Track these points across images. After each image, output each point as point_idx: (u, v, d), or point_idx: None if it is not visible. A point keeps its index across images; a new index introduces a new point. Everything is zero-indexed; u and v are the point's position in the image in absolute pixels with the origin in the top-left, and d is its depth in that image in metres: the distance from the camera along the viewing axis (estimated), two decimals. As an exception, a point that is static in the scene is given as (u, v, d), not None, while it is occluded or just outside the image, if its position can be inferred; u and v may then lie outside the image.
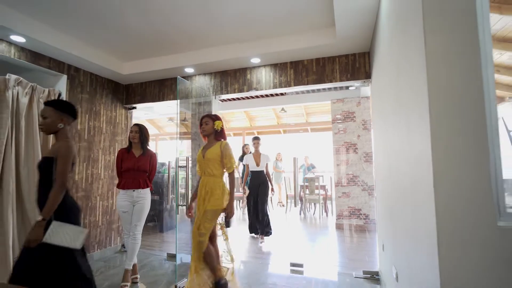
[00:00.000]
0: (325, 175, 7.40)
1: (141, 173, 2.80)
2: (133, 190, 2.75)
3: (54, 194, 1.63)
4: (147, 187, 2.85)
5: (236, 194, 7.07)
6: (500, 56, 4.72)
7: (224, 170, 2.45)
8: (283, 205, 7.85)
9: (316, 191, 6.33)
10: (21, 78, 2.79)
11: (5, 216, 2.60)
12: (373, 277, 2.88)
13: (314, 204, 6.76)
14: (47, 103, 1.83)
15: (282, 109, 7.40)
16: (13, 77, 2.72)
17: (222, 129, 2.53)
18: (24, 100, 2.81)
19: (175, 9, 2.52)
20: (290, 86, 3.27)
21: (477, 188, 0.96)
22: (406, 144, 1.44)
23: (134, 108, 4.16)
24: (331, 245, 4.16)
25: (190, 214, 2.57)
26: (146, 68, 3.60)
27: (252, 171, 4.32)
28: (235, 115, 9.13)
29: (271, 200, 7.69)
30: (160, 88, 3.90)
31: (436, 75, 1.04)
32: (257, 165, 4.25)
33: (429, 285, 1.08)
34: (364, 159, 5.16)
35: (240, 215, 6.70)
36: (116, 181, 3.87)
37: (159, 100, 3.90)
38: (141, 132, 2.84)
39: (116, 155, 3.15)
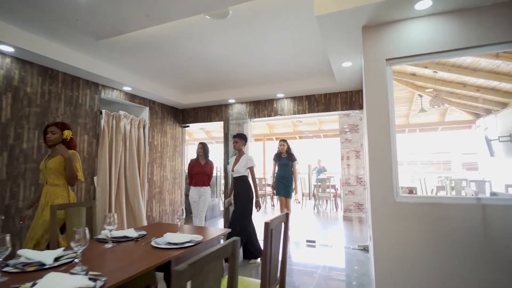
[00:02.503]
0: (336, 176, 8.58)
1: (205, 175, 4.17)
2: (201, 187, 4.13)
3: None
4: (208, 185, 4.22)
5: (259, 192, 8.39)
6: (477, 80, 5.89)
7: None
8: (299, 202, 9.11)
9: (328, 190, 7.56)
10: (126, 113, 4.24)
11: (120, 204, 4.03)
12: (365, 248, 4.11)
13: (326, 200, 7.98)
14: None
15: (298, 120, 8.67)
16: (122, 112, 4.16)
17: (72, 139, 2.46)
18: (128, 127, 4.25)
19: (224, 62, 3.79)
20: (305, 113, 4.55)
21: (386, 182, 2.22)
22: (365, 156, 2.70)
23: (188, 126, 5.56)
24: (338, 231, 5.40)
25: (22, 222, 2.44)
26: (200, 99, 4.99)
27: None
28: (257, 123, 10.47)
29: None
30: (208, 112, 5.29)
31: (371, 135, 2.31)
32: (232, 169, 3.65)
33: (370, 226, 2.35)
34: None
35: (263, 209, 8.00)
36: (178, 181, 5.28)
37: (207, 121, 5.29)
38: (204, 148, 4.22)
39: (188, 163, 4.47)
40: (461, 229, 2.01)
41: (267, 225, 1.41)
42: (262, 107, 4.88)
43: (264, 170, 10.50)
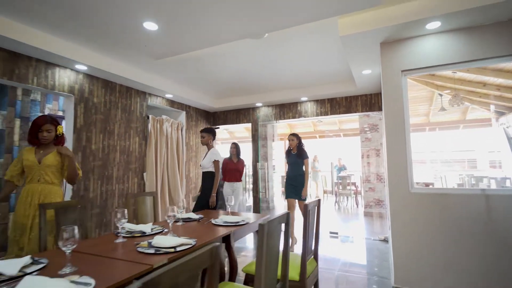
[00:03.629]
0: (356, 174, 8.85)
1: (237, 172, 4.65)
2: (234, 182, 4.62)
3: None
4: (240, 180, 4.71)
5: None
6: (497, 79, 6.07)
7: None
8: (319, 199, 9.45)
9: (348, 187, 7.87)
10: (168, 117, 4.80)
11: (164, 197, 4.61)
12: (385, 239, 4.44)
13: (347, 197, 8.29)
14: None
15: (319, 120, 9.00)
16: (164, 117, 4.73)
17: (63, 134, 2.35)
18: (169, 130, 4.82)
19: (254, 71, 4.26)
20: (327, 115, 4.94)
21: (403, 176, 2.59)
22: (384, 154, 3.07)
23: (218, 128, 6.09)
24: (359, 224, 5.73)
25: None
26: (230, 103, 5.49)
27: None
28: (278, 124, 10.88)
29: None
30: (237, 115, 5.78)
31: (389, 135, 2.69)
32: (200, 164, 3.47)
33: (388, 215, 2.73)
34: (386, 162, 6.61)
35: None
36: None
37: (236, 123, 5.78)
38: (237, 148, 4.71)
39: (222, 161, 4.98)
40: (467, 214, 2.36)
41: (306, 206, 1.85)
42: (287, 109, 5.31)
43: (285, 169, 10.90)
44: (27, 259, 1.28)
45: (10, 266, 1.19)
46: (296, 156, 4.12)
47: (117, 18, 2.48)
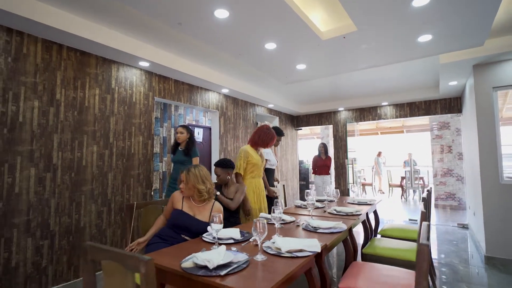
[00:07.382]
0: (423, 169, 9.20)
1: (326, 167, 5.60)
2: (323, 176, 5.58)
3: None
4: (329, 174, 5.65)
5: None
6: None
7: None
8: (382, 193, 9.99)
9: (416, 182, 8.33)
10: (268, 122, 5.91)
11: (269, 186, 5.74)
12: (464, 226, 5.03)
13: (414, 191, 8.75)
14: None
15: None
16: (266, 122, 5.84)
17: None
18: (269, 133, 5.93)
19: (344, 85, 5.14)
20: (406, 117, 5.61)
21: (493, 169, 3.29)
22: (473, 149, 3.75)
23: (301, 129, 7.08)
24: (432, 214, 6.30)
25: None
26: (313, 108, 6.43)
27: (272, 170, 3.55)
28: (339, 121, 11.53)
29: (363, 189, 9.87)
30: (319, 118, 6.70)
31: (481, 137, 3.39)
32: (277, 162, 3.61)
33: (478, 202, 3.45)
34: (458, 157, 7.00)
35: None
36: (295, 172, 6.79)
37: (318, 125, 6.71)
38: (325, 147, 5.64)
39: (312, 158, 6.01)
40: (553, 202, 3.00)
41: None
42: (367, 112, 6.08)
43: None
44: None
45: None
46: (184, 153, 3.35)
47: (279, 61, 3.48)
